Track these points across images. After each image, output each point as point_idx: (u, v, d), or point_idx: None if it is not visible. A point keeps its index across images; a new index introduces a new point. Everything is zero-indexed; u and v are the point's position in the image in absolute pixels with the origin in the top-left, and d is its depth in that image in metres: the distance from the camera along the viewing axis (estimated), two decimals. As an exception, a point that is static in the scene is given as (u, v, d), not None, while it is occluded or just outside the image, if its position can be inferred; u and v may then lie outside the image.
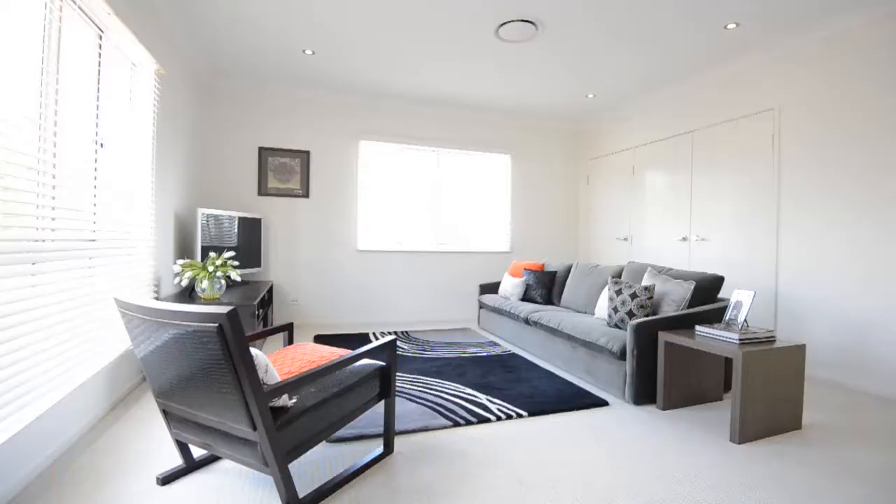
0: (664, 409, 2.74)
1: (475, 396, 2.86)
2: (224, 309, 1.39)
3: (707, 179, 4.37)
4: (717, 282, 3.11)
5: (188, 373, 1.54)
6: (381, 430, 2.29)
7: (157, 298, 3.29)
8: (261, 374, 1.57)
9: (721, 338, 2.50)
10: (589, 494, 1.81)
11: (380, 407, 2.45)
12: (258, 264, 4.69)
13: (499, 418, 2.53)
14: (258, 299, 3.47)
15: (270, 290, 4.77)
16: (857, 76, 3.21)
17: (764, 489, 1.87)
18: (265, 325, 4.27)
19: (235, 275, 3.32)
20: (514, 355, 3.92)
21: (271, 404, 1.59)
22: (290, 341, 2.54)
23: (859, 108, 3.20)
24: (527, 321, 4.00)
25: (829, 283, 3.34)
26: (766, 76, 3.84)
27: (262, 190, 5.00)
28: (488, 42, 3.79)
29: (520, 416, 2.58)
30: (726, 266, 4.13)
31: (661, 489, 1.86)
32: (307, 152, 5.14)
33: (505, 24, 3.48)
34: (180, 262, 3.24)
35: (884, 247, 3.05)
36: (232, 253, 3.44)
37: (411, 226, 5.61)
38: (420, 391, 2.94)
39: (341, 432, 2.26)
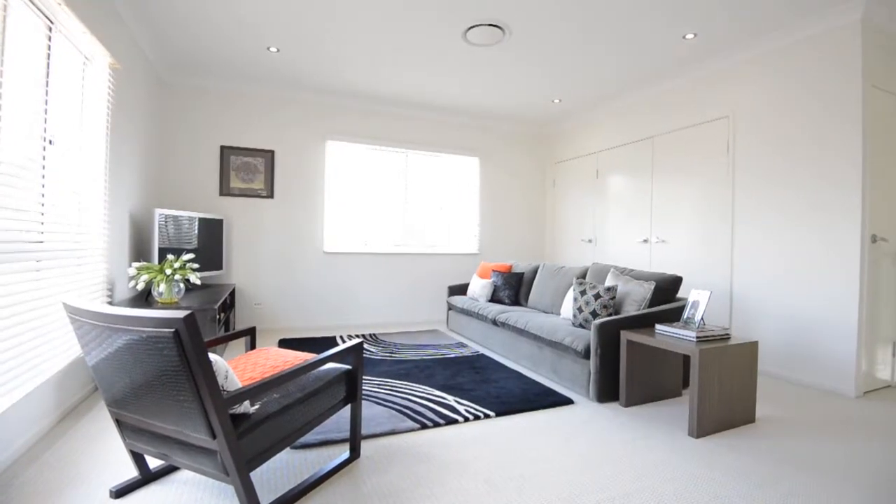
0: (626, 405, 2.82)
1: (443, 398, 2.86)
2: (181, 313, 1.34)
3: (667, 183, 4.53)
4: (676, 282, 3.22)
5: (143, 381, 1.48)
6: (347, 434, 2.26)
7: (110, 303, 3.14)
8: (220, 381, 1.52)
9: (679, 336, 2.60)
10: (554, 491, 1.84)
11: (346, 411, 2.42)
12: (220, 267, 4.56)
13: (466, 419, 2.55)
14: (219, 303, 3.36)
15: (233, 294, 4.63)
16: (801, 87, 3.40)
17: (720, 481, 1.95)
18: (227, 329, 4.15)
19: (195, 278, 3.21)
20: (482, 356, 3.94)
21: (231, 411, 1.55)
22: (252, 346, 2.48)
23: (803, 117, 3.39)
24: (494, 322, 4.03)
25: (778, 283, 3.52)
26: (721, 85, 4.02)
27: (225, 190, 4.86)
28: (456, 45, 3.82)
29: (487, 416, 2.60)
30: (685, 267, 4.29)
31: (623, 484, 1.91)
32: (272, 152, 5.03)
33: (473, 27, 3.51)
34: (136, 264, 3.11)
35: (824, 249, 3.23)
36: (191, 255, 3.33)
37: (380, 227, 5.57)
38: (388, 394, 2.92)
39: (306, 438, 2.22)
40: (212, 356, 1.50)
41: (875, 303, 3.18)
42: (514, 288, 4.70)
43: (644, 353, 2.88)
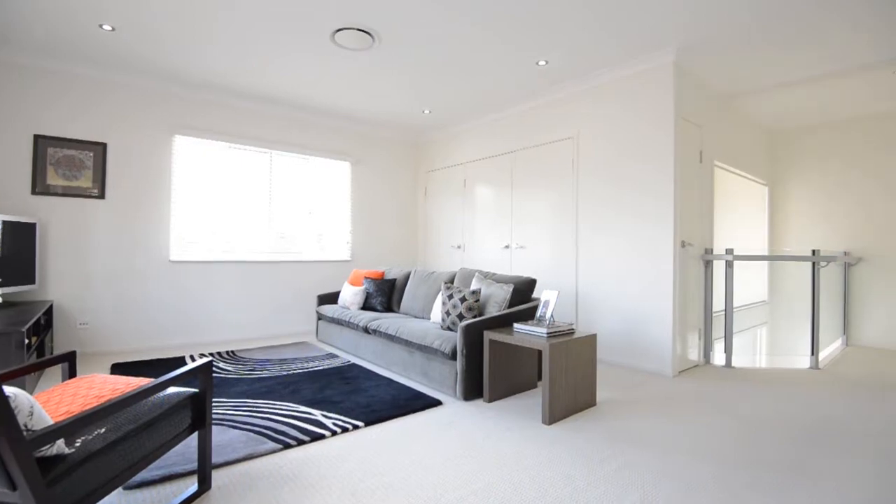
0: (490, 401, 3.00)
1: (309, 413, 2.73)
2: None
3: (525, 195, 4.96)
4: (531, 284, 3.53)
5: None
6: (195, 465, 2.03)
7: None
8: (22, 419, 1.25)
9: (533, 333, 2.84)
10: (420, 493, 1.87)
11: (193, 439, 2.17)
12: (31, 280, 3.77)
13: (334, 433, 2.46)
14: (29, 324, 2.78)
15: (49, 312, 3.87)
16: (630, 114, 4.00)
17: (567, 461, 2.17)
18: (42, 355, 3.45)
19: (-9, 295, 2.60)
20: (353, 366, 3.86)
21: (39, 454, 1.29)
22: (72, 374, 2.09)
23: (631, 140, 3.98)
24: (366, 330, 3.98)
25: (615, 283, 4.07)
26: (568, 109, 4.53)
27: (40, 188, 4.04)
28: (325, 46, 3.71)
29: (356, 427, 2.55)
30: (540, 270, 4.73)
31: (485, 476, 2.02)
32: (103, 144, 4.32)
33: (341, 30, 3.44)
34: None
35: (648, 253, 3.83)
36: (-14, 267, 2.70)
37: (241, 234, 5.12)
38: (246, 415, 2.69)
39: (143, 475, 1.94)
40: (10, 390, 1.23)
41: (685, 297, 3.85)
42: (386, 294, 4.69)
43: (504, 350, 3.09)
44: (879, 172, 5.04)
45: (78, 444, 1.38)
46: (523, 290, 3.47)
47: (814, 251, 4.06)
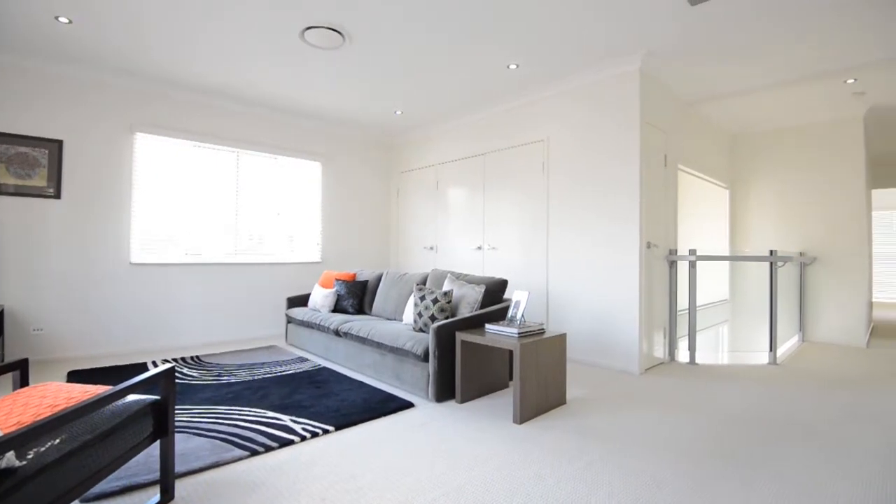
0: (462, 402, 3.01)
1: (278, 419, 2.67)
2: None
3: (496, 196, 5.00)
4: (503, 284, 3.56)
5: None
6: (157, 475, 1.96)
7: None
8: (-37, 433, 1.18)
9: (504, 333, 2.87)
10: (391, 497, 1.86)
11: (155, 449, 2.10)
12: (-22, 285, 3.56)
13: (303, 438, 2.42)
14: (-25, 332, 2.63)
15: (0, 318, 3.67)
16: (599, 118, 4.09)
17: (538, 460, 2.20)
18: (-10, 364, 3.26)
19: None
20: (323, 369, 3.80)
21: (-17, 470, 1.22)
22: (24, 383, 1.99)
23: (601, 145, 4.07)
24: (337, 332, 3.93)
25: (584, 282, 4.15)
26: (538, 112, 4.59)
27: (-13, 187, 3.83)
28: (294, 44, 3.65)
29: (326, 432, 2.51)
30: (512, 271, 4.78)
31: (457, 477, 2.02)
32: (59, 142, 4.13)
33: (310, 28, 3.39)
34: None
35: (616, 254, 3.92)
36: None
37: (206, 235, 4.98)
38: (211, 422, 2.61)
39: (102, 486, 1.86)
40: (-52, 403, 1.16)
41: (651, 297, 3.96)
42: (358, 296, 4.65)
43: (476, 351, 3.11)
44: (831, 176, 5.31)
45: (30, 457, 1.32)
46: (495, 291, 3.50)
47: (771, 251, 4.24)
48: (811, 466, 2.15)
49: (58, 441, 1.42)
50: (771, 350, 4.17)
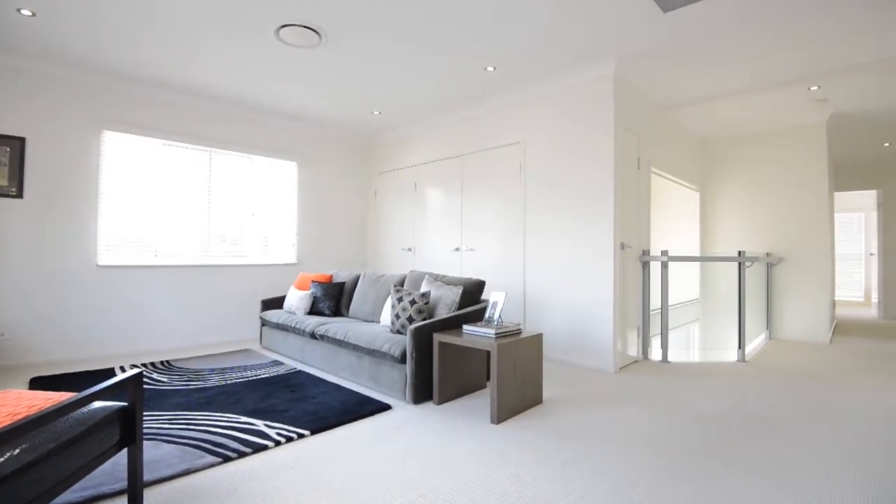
0: (439, 403, 3.00)
1: (251, 424, 2.62)
2: None
3: (474, 198, 5.02)
4: (480, 285, 3.57)
5: None
6: (125, 484, 1.89)
7: None
8: (-89, 445, 1.12)
9: (482, 334, 2.88)
10: (369, 499, 1.84)
11: (123, 457, 2.03)
12: (-69, 289, 3.39)
13: (278, 443, 2.38)
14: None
15: (-46, 324, 3.49)
16: (573, 122, 4.14)
17: (515, 459, 2.21)
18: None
19: None
20: (299, 373, 3.75)
21: (-67, 484, 1.16)
22: (-21, 391, 1.89)
23: (575, 147, 4.13)
24: (313, 335, 3.88)
25: (560, 283, 4.20)
26: (515, 115, 4.63)
27: (-60, 186, 3.65)
28: (269, 42, 3.59)
29: (301, 436, 2.47)
30: (490, 271, 4.80)
31: (433, 479, 2.02)
32: (21, 139, 3.96)
33: (286, 26, 3.35)
34: None
35: (591, 254, 3.98)
36: None
37: (177, 236, 4.84)
38: (182, 429, 2.54)
39: (67, 496, 1.79)
40: None
41: (625, 297, 4.03)
42: (334, 298, 4.59)
43: (454, 352, 3.11)
44: (796, 180, 5.51)
45: (-15, 469, 1.25)
46: (473, 292, 3.51)
47: (740, 252, 4.37)
48: (780, 461, 2.22)
49: (17, 451, 1.36)
50: (740, 348, 4.29)
